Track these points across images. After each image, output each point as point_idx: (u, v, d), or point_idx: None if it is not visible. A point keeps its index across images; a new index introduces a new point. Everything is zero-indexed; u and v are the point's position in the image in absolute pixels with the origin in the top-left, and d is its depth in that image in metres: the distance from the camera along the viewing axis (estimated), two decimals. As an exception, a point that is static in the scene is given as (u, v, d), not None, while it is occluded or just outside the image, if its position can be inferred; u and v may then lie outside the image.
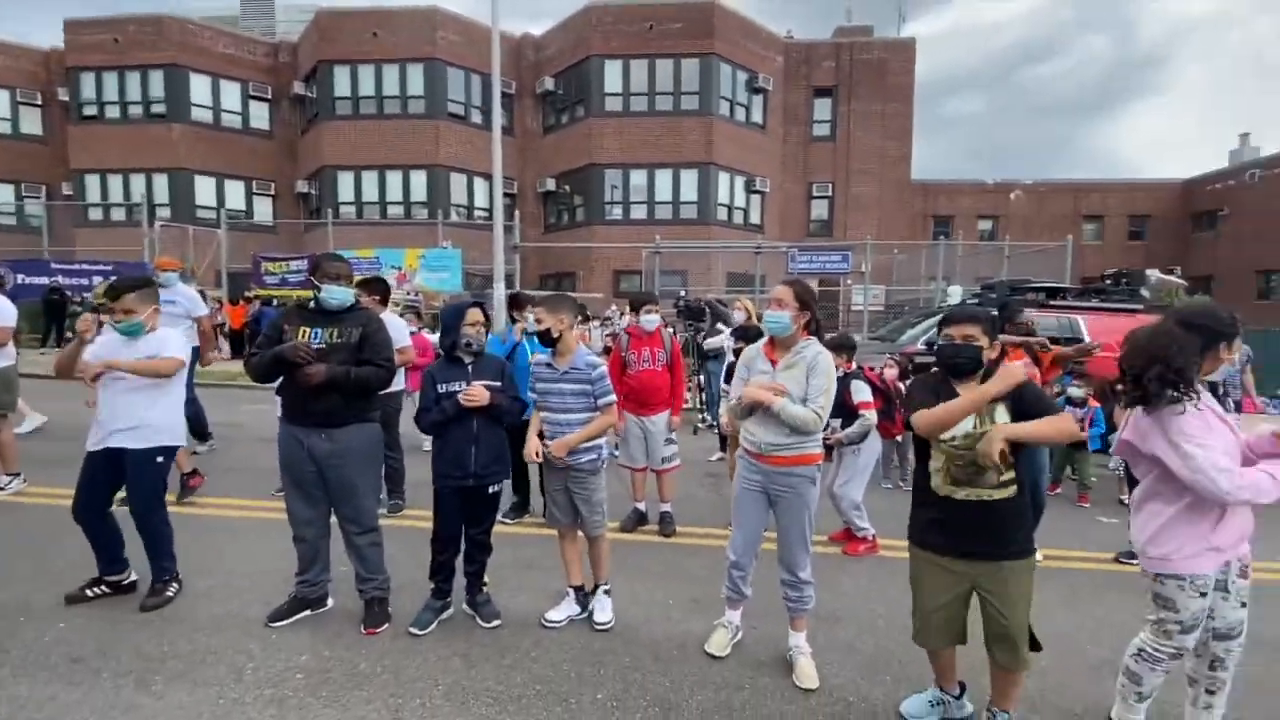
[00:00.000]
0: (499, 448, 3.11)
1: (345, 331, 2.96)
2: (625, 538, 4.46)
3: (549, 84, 20.94)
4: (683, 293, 17.12)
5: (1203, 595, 2.11)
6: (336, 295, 2.97)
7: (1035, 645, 2.23)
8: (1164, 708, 2.47)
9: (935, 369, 2.37)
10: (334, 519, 3.14)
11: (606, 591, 3.24)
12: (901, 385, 5.57)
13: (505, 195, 20.67)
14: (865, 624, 3.31)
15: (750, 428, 2.75)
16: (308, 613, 3.14)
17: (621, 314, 12.06)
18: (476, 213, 20.83)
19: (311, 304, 3.07)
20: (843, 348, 4.78)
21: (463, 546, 3.15)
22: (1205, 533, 2.09)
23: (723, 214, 20.40)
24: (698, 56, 19.44)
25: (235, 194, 22.18)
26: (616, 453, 5.94)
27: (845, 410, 4.48)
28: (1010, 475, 2.17)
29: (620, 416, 4.51)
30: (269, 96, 22.42)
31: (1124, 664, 2.32)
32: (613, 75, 19.80)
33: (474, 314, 3.02)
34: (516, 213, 13.96)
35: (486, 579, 3.26)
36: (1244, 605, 2.17)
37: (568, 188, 21.20)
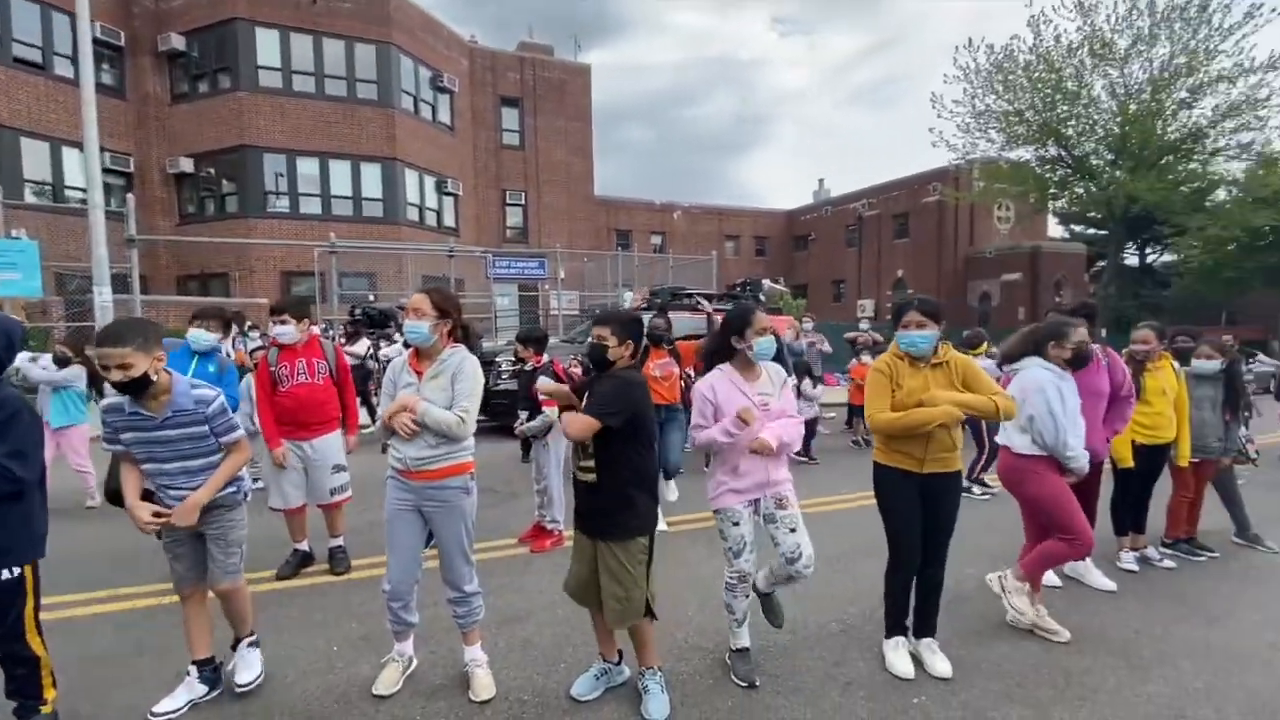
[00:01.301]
0: None
1: None
2: (284, 585, 3.83)
3: (178, 43, 17.03)
4: (372, 297, 15.75)
5: (736, 524, 2.74)
6: None
7: (650, 613, 2.55)
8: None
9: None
10: None
11: (253, 643, 2.73)
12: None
13: (115, 173, 16.29)
14: (545, 618, 3.42)
15: (396, 444, 2.60)
16: None
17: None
18: (69, 193, 15.86)
19: None
20: (530, 341, 4.89)
21: None
22: (726, 480, 2.74)
23: (413, 214, 19.29)
24: (374, 43, 17.99)
25: None
26: (259, 483, 5.06)
27: (534, 404, 4.61)
28: (589, 464, 2.48)
29: (279, 441, 3.86)
30: None
31: (723, 599, 2.87)
32: (268, 46, 17.04)
33: None
34: (131, 196, 10.90)
35: (54, 689, 2.35)
36: (794, 530, 2.76)
37: (212, 171, 17.54)
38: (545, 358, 4.85)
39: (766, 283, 11.85)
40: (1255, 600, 3.83)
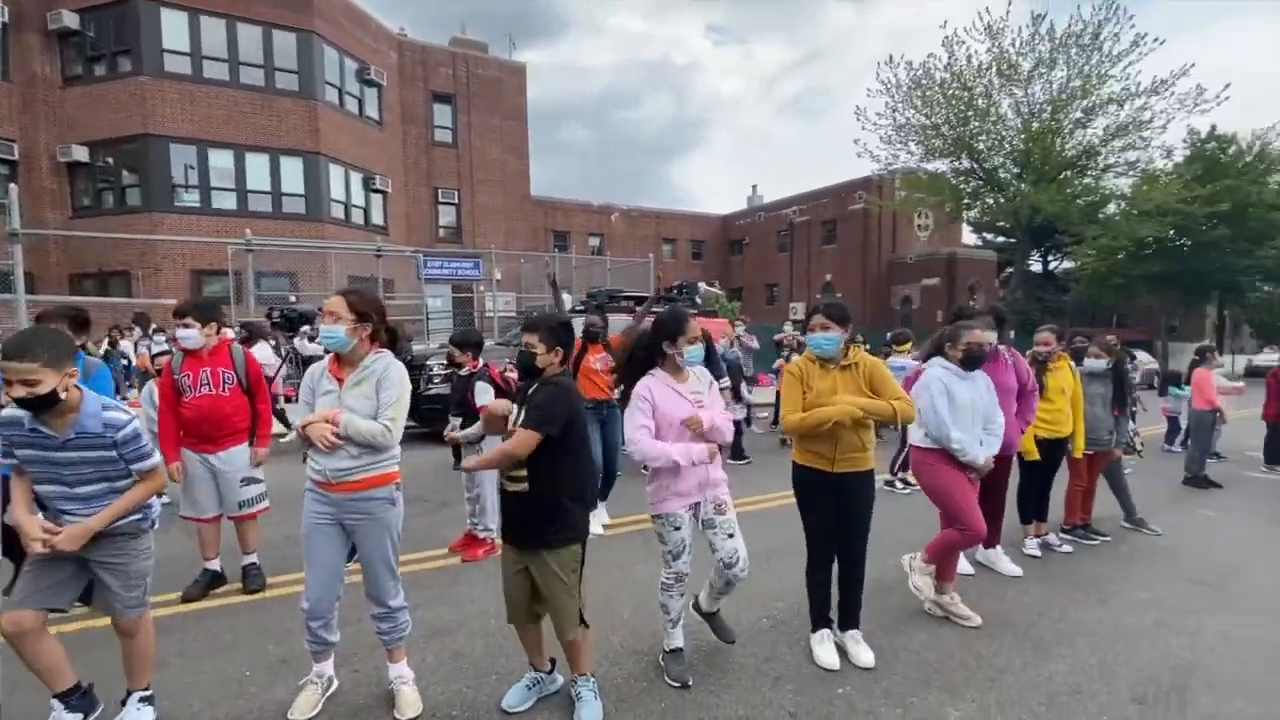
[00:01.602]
0: None
1: None
2: (191, 607, 3.56)
3: (70, 21, 15.66)
4: (293, 298, 14.92)
5: (677, 529, 2.76)
6: None
7: (582, 621, 2.51)
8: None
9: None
10: None
11: (146, 698, 2.44)
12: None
13: (-8, 160, 14.71)
14: (476, 628, 3.34)
15: (315, 455, 2.46)
16: None
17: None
18: (-62, 181, 14.25)
19: None
20: (467, 345, 4.75)
21: None
22: (669, 483, 2.73)
23: (338, 211, 18.46)
24: (294, 31, 17.12)
25: None
26: (165, 497, 4.73)
27: (469, 410, 4.47)
28: (520, 473, 2.40)
29: (177, 455, 3.59)
30: None
31: (659, 600, 2.89)
32: (174, 29, 15.92)
33: None
34: (14, 186, 9.85)
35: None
36: (731, 536, 2.82)
37: (110, 160, 16.21)
38: (481, 361, 4.74)
39: (703, 285, 12.06)
40: (1141, 580, 4.19)
